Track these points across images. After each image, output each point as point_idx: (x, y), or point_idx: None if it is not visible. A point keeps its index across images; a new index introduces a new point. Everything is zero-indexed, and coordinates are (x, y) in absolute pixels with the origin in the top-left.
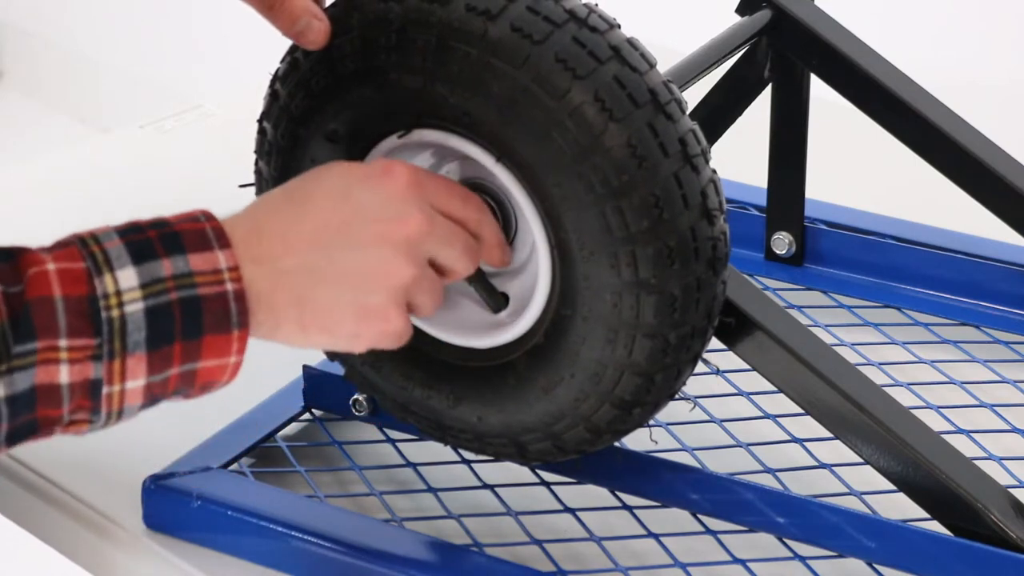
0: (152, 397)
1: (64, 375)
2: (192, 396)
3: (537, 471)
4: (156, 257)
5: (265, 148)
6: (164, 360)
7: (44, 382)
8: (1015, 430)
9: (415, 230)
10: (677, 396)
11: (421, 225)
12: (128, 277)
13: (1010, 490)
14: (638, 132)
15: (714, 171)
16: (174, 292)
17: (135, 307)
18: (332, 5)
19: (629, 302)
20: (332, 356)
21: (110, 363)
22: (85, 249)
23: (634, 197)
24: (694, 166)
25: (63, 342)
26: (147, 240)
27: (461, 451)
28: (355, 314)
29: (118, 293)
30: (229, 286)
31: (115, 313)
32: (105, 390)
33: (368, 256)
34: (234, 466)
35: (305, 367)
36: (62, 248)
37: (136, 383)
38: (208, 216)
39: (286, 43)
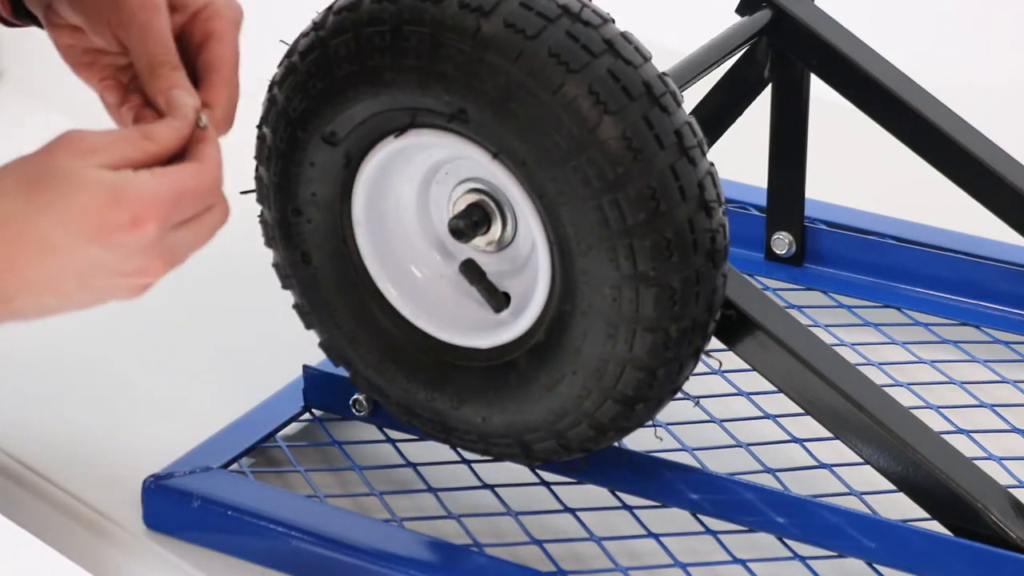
0: None
1: None
2: None
3: (537, 471)
4: None
5: (265, 153)
6: None
7: None
8: (1015, 430)
9: (155, 276)
10: (678, 395)
11: (162, 269)
12: None
13: (1010, 490)
14: (633, 125)
15: (712, 163)
16: None
17: None
18: (327, 7)
19: (628, 296)
20: (336, 360)
21: None
22: None
23: (630, 189)
24: (690, 158)
25: None
26: None
27: (461, 451)
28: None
29: None
30: None
31: None
32: None
33: (105, 296)
34: (234, 466)
35: (305, 367)
36: None
37: None
38: None
39: (283, 48)
